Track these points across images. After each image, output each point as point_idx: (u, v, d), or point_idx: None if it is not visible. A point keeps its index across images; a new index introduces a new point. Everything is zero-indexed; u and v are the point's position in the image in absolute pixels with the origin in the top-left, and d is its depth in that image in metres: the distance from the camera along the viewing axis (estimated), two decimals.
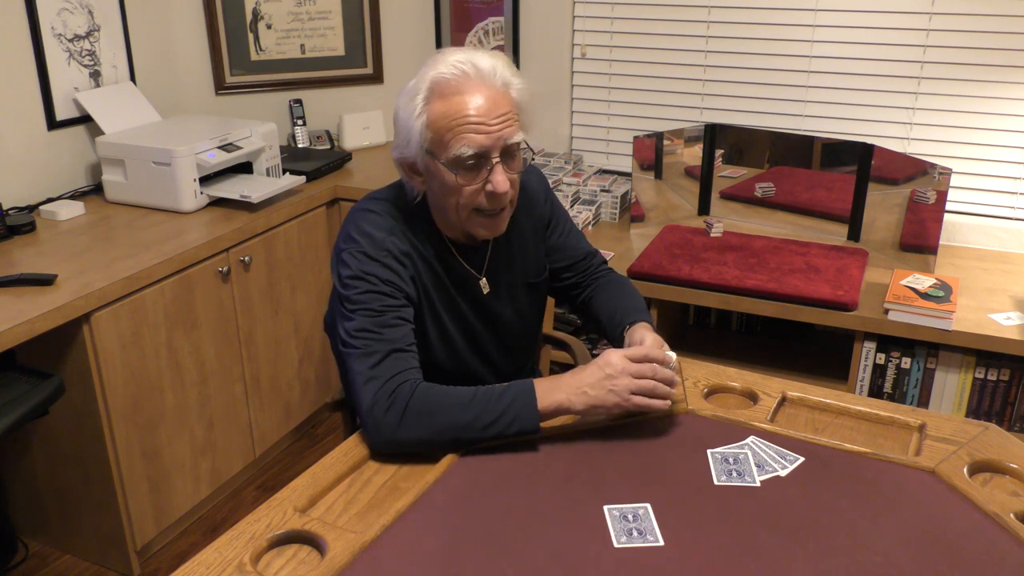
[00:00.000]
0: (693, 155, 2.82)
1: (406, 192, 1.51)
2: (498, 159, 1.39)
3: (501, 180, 1.39)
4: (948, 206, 2.44)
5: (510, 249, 1.61)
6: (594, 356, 2.64)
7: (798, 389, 1.53)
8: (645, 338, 1.47)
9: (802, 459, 1.34)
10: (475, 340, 1.59)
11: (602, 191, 2.85)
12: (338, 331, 1.44)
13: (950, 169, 2.34)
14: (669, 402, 1.38)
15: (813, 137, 2.68)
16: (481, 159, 1.38)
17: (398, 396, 1.33)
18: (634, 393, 1.35)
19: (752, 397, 1.53)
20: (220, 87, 3.05)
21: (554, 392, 1.35)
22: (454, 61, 1.39)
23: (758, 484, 1.28)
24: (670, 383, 1.38)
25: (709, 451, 1.35)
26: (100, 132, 2.55)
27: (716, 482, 1.28)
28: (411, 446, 1.34)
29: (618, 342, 1.61)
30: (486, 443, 1.35)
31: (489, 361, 1.63)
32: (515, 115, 1.40)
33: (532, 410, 1.34)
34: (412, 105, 1.39)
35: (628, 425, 1.42)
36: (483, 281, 1.57)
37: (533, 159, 1.47)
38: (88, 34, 2.61)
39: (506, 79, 1.40)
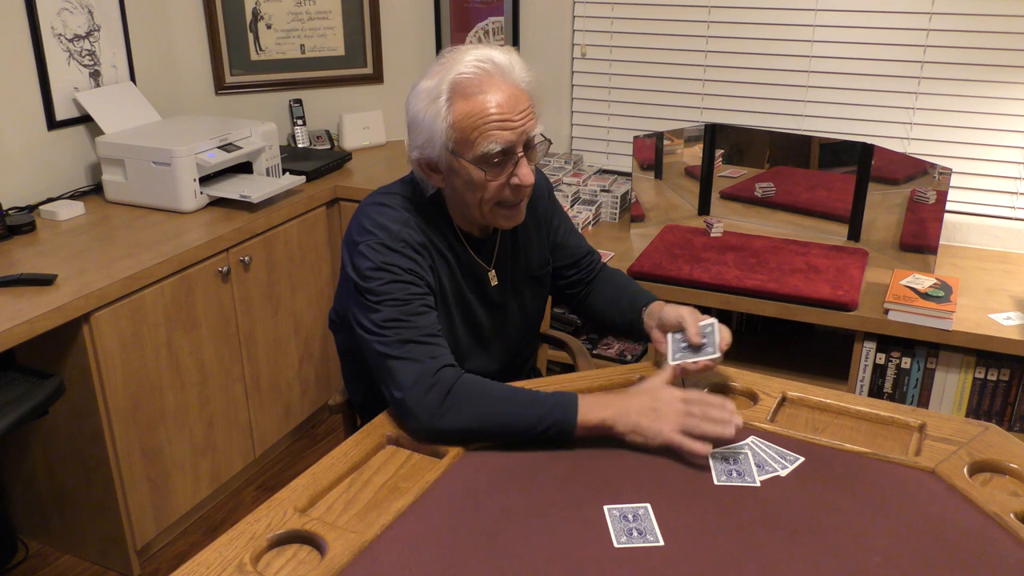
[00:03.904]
0: (693, 155, 2.82)
1: (417, 186, 1.53)
2: (522, 153, 1.42)
3: (526, 173, 1.43)
4: (948, 206, 2.44)
5: (516, 243, 1.63)
6: (593, 356, 2.66)
7: (798, 389, 1.53)
8: (682, 313, 1.51)
9: (802, 459, 1.34)
10: (479, 333, 1.60)
11: (602, 191, 2.85)
12: (361, 323, 1.44)
13: (950, 169, 2.34)
14: (710, 446, 1.31)
15: (813, 137, 2.68)
16: (507, 155, 1.41)
17: (441, 379, 1.35)
18: (679, 431, 1.32)
19: (752, 397, 1.53)
20: (220, 87, 3.05)
21: (598, 408, 1.35)
22: (473, 60, 1.40)
23: (758, 484, 1.28)
24: (720, 421, 1.33)
25: (715, 450, 1.35)
26: (100, 132, 2.55)
27: (716, 482, 1.28)
28: (449, 432, 1.34)
29: (635, 327, 1.64)
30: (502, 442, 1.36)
31: (491, 356, 1.63)
32: (533, 108, 1.43)
33: (571, 420, 1.33)
34: (435, 107, 1.39)
35: None
36: (492, 273, 1.59)
37: (551, 146, 1.50)
38: (88, 34, 2.61)
39: (521, 73, 1.43)
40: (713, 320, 1.50)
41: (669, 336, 1.54)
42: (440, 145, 1.40)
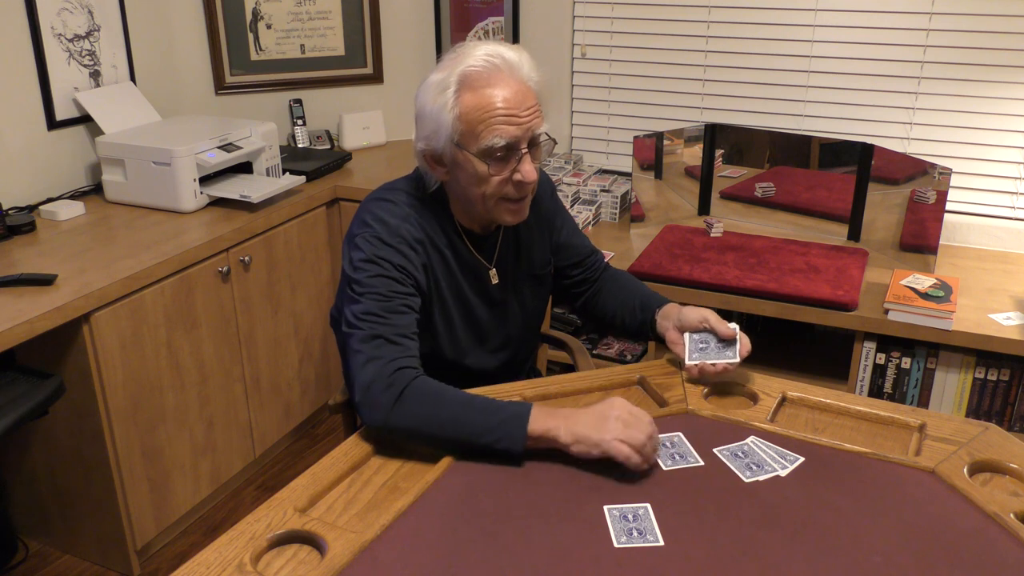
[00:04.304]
0: (693, 155, 2.82)
1: (421, 182, 1.53)
2: (526, 149, 1.42)
3: (529, 169, 1.43)
4: (948, 206, 2.44)
5: (518, 242, 1.63)
6: (593, 356, 2.66)
7: (798, 389, 1.53)
8: (705, 314, 1.53)
9: (802, 459, 1.34)
10: (479, 331, 1.60)
11: (602, 191, 2.85)
12: (344, 313, 1.45)
13: (950, 169, 2.34)
14: (645, 465, 1.29)
15: (813, 137, 2.68)
16: (511, 150, 1.41)
17: (397, 379, 1.34)
18: (621, 440, 1.27)
19: (752, 397, 1.53)
20: (220, 87, 3.04)
21: (548, 418, 1.32)
22: (482, 55, 1.41)
23: (701, 463, 1.32)
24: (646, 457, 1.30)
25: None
26: (100, 132, 2.55)
27: (664, 468, 1.29)
28: (400, 431, 1.34)
29: (646, 329, 1.65)
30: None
31: (490, 354, 1.63)
32: (539, 106, 1.44)
33: (521, 431, 1.30)
34: (442, 99, 1.40)
35: None
36: (493, 271, 1.59)
37: (556, 146, 1.51)
38: (88, 34, 2.61)
39: (530, 72, 1.43)
40: (736, 325, 1.52)
41: (687, 336, 1.55)
42: (446, 137, 1.41)
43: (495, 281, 1.60)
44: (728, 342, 1.52)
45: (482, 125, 1.39)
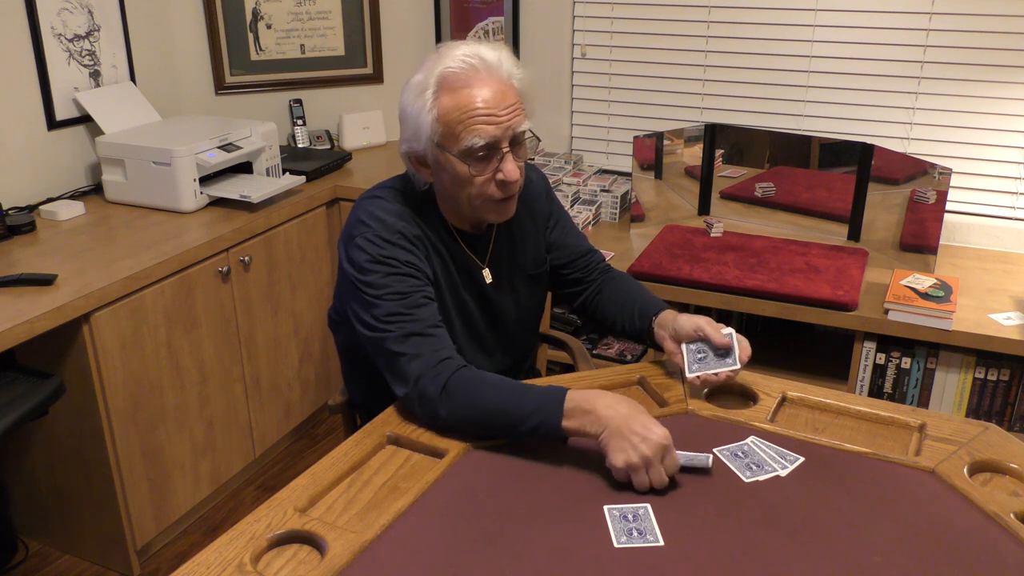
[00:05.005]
0: (693, 155, 2.82)
1: (410, 181, 1.54)
2: (508, 148, 1.42)
3: (512, 168, 1.43)
4: (948, 206, 2.44)
5: (512, 241, 1.63)
6: (593, 356, 2.65)
7: (798, 389, 1.53)
8: (699, 323, 1.49)
9: (802, 459, 1.34)
10: (474, 330, 1.60)
11: (602, 191, 2.85)
12: (362, 319, 1.44)
13: (950, 169, 2.34)
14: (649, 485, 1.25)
15: (813, 137, 2.68)
16: (492, 149, 1.41)
17: (442, 370, 1.37)
18: (634, 465, 1.24)
19: (752, 397, 1.53)
20: (220, 87, 3.05)
21: (582, 414, 1.29)
22: (460, 55, 1.41)
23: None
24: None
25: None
26: (100, 132, 2.55)
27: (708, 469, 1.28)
28: (448, 423, 1.36)
29: (645, 336, 1.63)
30: (504, 440, 1.36)
31: (486, 353, 1.63)
32: (521, 105, 1.43)
33: (555, 423, 1.30)
34: (421, 100, 1.41)
35: None
36: (486, 271, 1.58)
37: (540, 144, 1.51)
38: (88, 34, 2.61)
39: (510, 70, 1.43)
40: (731, 330, 1.50)
41: (684, 347, 1.52)
42: (426, 139, 1.42)
43: (489, 280, 1.60)
44: (726, 349, 1.50)
45: (461, 126, 1.39)
